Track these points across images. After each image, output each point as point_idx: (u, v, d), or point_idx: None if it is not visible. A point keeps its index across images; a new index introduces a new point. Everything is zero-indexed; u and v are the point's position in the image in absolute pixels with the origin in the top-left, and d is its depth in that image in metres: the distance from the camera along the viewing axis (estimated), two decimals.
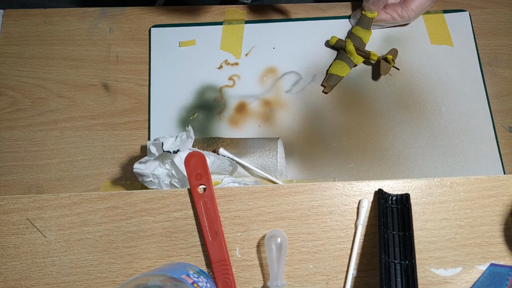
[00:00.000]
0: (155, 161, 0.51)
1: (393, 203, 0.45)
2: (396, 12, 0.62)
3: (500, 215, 0.45)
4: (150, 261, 0.44)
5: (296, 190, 0.46)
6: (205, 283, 0.39)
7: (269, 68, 0.64)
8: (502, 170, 0.59)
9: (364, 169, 0.60)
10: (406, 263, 0.41)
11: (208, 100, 0.63)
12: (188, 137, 0.53)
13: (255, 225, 0.45)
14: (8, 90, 0.62)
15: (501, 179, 0.46)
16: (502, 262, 0.44)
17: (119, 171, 0.59)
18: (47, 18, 0.66)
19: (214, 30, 0.66)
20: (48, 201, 0.46)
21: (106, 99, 0.62)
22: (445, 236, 0.45)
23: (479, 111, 0.62)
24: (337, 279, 0.44)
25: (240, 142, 0.56)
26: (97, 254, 0.44)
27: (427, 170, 0.60)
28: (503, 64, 0.65)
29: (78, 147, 0.60)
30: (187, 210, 0.45)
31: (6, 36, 0.65)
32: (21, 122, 0.61)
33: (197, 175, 0.44)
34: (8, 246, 0.44)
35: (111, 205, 0.45)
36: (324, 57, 0.65)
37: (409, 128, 0.62)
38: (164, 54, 0.64)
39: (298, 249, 0.45)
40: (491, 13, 0.67)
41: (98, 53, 0.64)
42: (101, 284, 0.44)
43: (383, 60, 0.61)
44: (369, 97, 0.63)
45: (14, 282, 0.44)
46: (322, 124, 0.62)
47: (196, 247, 0.45)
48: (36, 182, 0.59)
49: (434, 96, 0.63)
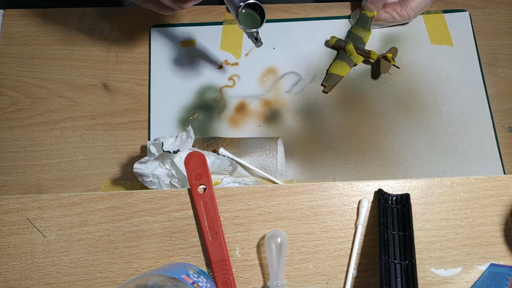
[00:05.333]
0: (155, 161, 0.51)
1: (393, 203, 0.45)
2: (396, 11, 0.62)
3: (500, 215, 0.45)
4: (150, 261, 0.44)
5: (296, 190, 0.46)
6: (205, 283, 0.39)
7: (269, 68, 0.64)
8: (502, 170, 0.59)
9: (364, 169, 0.60)
10: (406, 263, 0.41)
11: (208, 100, 0.63)
12: (188, 137, 0.53)
13: (255, 225, 0.45)
14: (8, 90, 0.62)
15: (501, 179, 0.46)
16: (502, 262, 0.44)
17: (119, 171, 0.59)
18: (47, 18, 0.66)
19: (214, 30, 0.66)
20: (48, 201, 0.46)
21: (106, 99, 0.62)
22: (445, 236, 0.45)
23: (479, 111, 0.62)
24: (337, 279, 0.44)
25: (240, 142, 0.56)
26: (97, 254, 0.44)
27: (427, 170, 0.60)
28: (503, 64, 0.65)
29: (78, 147, 0.60)
30: (187, 210, 0.45)
31: (6, 36, 0.65)
32: (21, 122, 0.61)
33: (197, 175, 0.44)
34: (8, 246, 0.45)
35: (111, 205, 0.45)
36: (324, 57, 0.65)
37: (409, 128, 0.62)
38: (164, 54, 0.64)
39: (298, 249, 0.45)
40: (491, 13, 0.67)
41: (98, 53, 0.64)
42: (101, 284, 0.44)
43: (383, 59, 0.61)
44: (369, 97, 0.63)
45: (14, 282, 0.44)
46: (322, 124, 0.62)
47: (196, 247, 0.45)
48: (36, 182, 0.59)
49: (434, 96, 0.63)
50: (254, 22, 0.50)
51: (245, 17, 0.49)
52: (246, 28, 0.50)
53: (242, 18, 0.49)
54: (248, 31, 0.50)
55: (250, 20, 0.50)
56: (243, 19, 0.49)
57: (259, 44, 0.54)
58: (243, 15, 0.49)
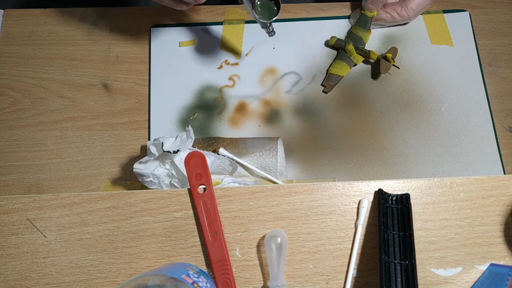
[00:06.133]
0: (155, 161, 0.51)
1: (393, 203, 0.45)
2: (396, 11, 0.62)
3: (500, 215, 0.45)
4: (150, 261, 0.44)
5: (296, 190, 0.46)
6: (205, 283, 0.39)
7: (269, 68, 0.64)
8: (502, 170, 0.59)
9: (364, 169, 0.60)
10: (406, 263, 0.41)
11: (208, 100, 0.63)
12: (188, 137, 0.53)
13: (255, 225, 0.45)
14: (8, 90, 0.62)
15: (501, 179, 0.46)
16: (502, 262, 0.44)
17: (119, 171, 0.59)
18: (47, 18, 0.66)
19: (214, 30, 0.66)
20: (48, 201, 0.46)
21: (106, 99, 0.62)
22: (445, 236, 0.45)
23: (479, 111, 0.62)
24: (337, 279, 0.44)
25: (240, 142, 0.56)
26: (97, 254, 0.44)
27: (427, 170, 0.60)
28: (503, 64, 0.65)
29: (78, 147, 0.60)
30: (187, 210, 0.45)
31: (6, 36, 0.65)
32: (21, 122, 0.61)
33: (197, 175, 0.44)
34: (8, 246, 0.45)
35: (111, 205, 0.45)
36: (324, 57, 0.65)
37: (409, 128, 0.62)
38: (164, 54, 0.64)
39: (298, 249, 0.45)
40: (491, 13, 0.67)
41: (98, 53, 0.64)
42: (101, 284, 0.44)
43: (383, 59, 0.61)
44: (369, 97, 0.63)
45: (14, 282, 0.44)
46: (322, 124, 0.62)
47: (196, 247, 0.45)
48: (36, 182, 0.59)
49: (434, 96, 0.63)
50: (270, 12, 0.51)
51: (261, 7, 0.51)
52: (263, 18, 0.50)
53: (259, 9, 0.50)
54: (264, 21, 0.52)
55: (267, 10, 0.51)
56: (260, 10, 0.50)
57: (273, 33, 0.56)
58: (260, 6, 0.50)
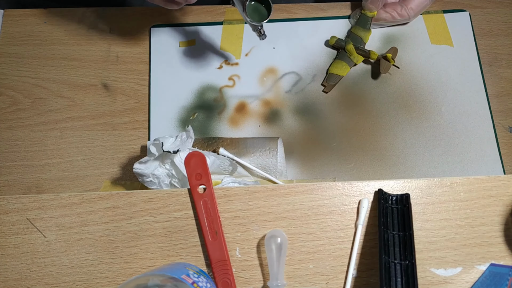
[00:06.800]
0: (155, 161, 0.51)
1: (393, 203, 0.45)
2: (396, 11, 0.62)
3: (500, 215, 0.45)
4: (150, 261, 0.44)
5: (296, 190, 0.46)
6: (205, 283, 0.39)
7: (269, 68, 0.64)
8: (502, 170, 0.59)
9: (364, 169, 0.60)
10: (406, 263, 0.41)
11: (208, 100, 0.63)
12: (188, 137, 0.53)
13: (255, 225, 0.45)
14: (8, 90, 0.62)
15: (501, 179, 0.46)
16: (502, 262, 0.44)
17: (119, 171, 0.59)
18: (47, 18, 0.66)
19: (214, 30, 0.66)
20: (48, 201, 0.46)
21: (106, 99, 0.62)
22: (445, 236, 0.45)
23: (479, 111, 0.62)
24: (337, 279, 0.44)
25: (240, 142, 0.56)
26: (97, 254, 0.44)
27: (427, 170, 0.60)
28: (503, 64, 0.65)
29: (78, 147, 0.60)
30: (187, 210, 0.45)
31: (6, 36, 0.65)
32: (21, 122, 0.61)
33: (197, 175, 0.44)
34: (8, 246, 0.44)
35: (111, 205, 0.45)
36: (324, 57, 0.65)
37: (409, 128, 0.62)
38: (164, 54, 0.64)
39: (298, 249, 0.45)
40: (491, 13, 0.67)
41: (98, 53, 0.64)
42: (101, 284, 0.44)
43: (383, 59, 0.61)
44: (369, 97, 0.63)
45: (14, 282, 0.44)
46: (322, 124, 0.62)
47: (196, 247, 0.45)
48: (36, 182, 0.59)
49: (434, 96, 0.63)
50: (260, 15, 0.51)
51: (252, 10, 0.50)
52: (253, 21, 0.50)
53: (249, 12, 0.50)
54: (254, 24, 0.51)
55: (257, 13, 0.51)
56: (250, 12, 0.50)
57: (263, 37, 0.55)
58: (250, 8, 0.50)
